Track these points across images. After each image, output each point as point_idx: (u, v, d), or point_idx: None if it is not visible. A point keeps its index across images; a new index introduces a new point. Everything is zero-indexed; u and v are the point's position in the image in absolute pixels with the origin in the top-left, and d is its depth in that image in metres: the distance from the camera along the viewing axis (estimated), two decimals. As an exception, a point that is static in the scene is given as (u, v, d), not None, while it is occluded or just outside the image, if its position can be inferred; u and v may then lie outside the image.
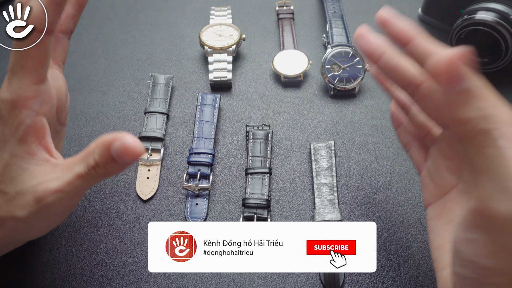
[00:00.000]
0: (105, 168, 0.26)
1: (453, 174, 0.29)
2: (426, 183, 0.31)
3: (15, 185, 0.28)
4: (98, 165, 0.27)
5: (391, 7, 0.59)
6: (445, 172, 0.29)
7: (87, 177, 0.27)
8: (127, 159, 0.26)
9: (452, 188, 0.29)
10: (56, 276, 0.36)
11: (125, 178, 0.41)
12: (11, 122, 0.28)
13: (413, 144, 0.33)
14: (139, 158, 0.42)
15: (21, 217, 0.28)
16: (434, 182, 0.30)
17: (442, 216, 0.29)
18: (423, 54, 0.24)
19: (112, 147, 0.26)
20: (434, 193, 0.30)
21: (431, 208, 0.30)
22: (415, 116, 0.32)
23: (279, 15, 0.54)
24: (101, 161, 0.26)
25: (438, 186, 0.30)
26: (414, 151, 0.33)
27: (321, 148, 0.42)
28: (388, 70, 0.28)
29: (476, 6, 0.45)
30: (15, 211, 0.28)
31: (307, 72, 0.49)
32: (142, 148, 0.26)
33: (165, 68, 0.50)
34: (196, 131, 0.43)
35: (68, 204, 0.29)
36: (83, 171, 0.27)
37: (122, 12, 0.56)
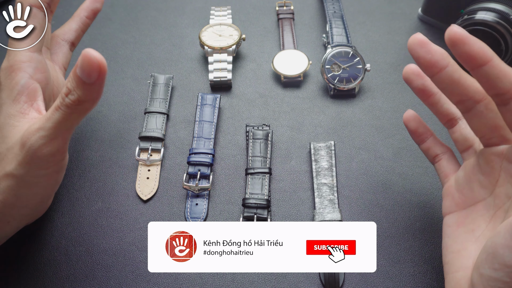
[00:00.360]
0: (77, 94, 0.27)
1: (483, 189, 0.30)
2: (451, 192, 0.32)
3: (6, 143, 0.30)
4: (70, 91, 0.27)
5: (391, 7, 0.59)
6: (476, 186, 0.30)
7: (63, 107, 0.28)
8: (91, 73, 0.26)
9: (479, 201, 0.30)
10: (56, 276, 0.36)
11: (125, 178, 0.41)
12: (7, 85, 0.31)
13: (444, 156, 0.35)
14: (139, 158, 0.42)
15: (12, 171, 0.29)
16: (461, 193, 0.31)
17: (463, 225, 0.30)
18: (502, 73, 0.25)
19: (77, 67, 0.26)
20: (458, 203, 0.31)
21: (451, 216, 0.31)
22: (460, 130, 0.33)
23: (279, 15, 0.54)
24: (71, 86, 0.27)
25: (465, 197, 0.31)
26: (444, 162, 0.34)
27: (321, 148, 0.42)
28: (450, 83, 0.28)
29: (476, 6, 0.45)
30: (5, 167, 0.30)
31: (307, 72, 0.49)
32: (101, 58, 0.26)
33: (165, 68, 0.50)
34: (196, 131, 0.43)
35: (54, 145, 0.29)
36: (58, 102, 0.28)
37: (122, 12, 0.56)
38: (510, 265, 0.24)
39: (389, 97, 0.47)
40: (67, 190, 0.40)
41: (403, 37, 0.53)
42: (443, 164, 0.34)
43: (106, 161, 0.42)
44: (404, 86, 0.48)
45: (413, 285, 0.35)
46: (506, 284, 0.25)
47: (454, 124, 0.33)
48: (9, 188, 0.30)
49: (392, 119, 0.45)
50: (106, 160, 0.42)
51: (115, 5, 0.57)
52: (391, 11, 0.56)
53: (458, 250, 0.30)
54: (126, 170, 0.42)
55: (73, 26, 0.40)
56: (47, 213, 0.39)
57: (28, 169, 0.29)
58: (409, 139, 0.43)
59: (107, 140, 0.44)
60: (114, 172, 0.42)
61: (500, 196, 0.29)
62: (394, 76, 0.49)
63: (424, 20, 0.54)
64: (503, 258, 0.24)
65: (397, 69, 0.50)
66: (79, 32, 0.40)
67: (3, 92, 0.32)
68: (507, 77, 0.25)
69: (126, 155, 0.43)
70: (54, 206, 0.39)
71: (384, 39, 0.53)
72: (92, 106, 0.28)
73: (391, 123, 0.45)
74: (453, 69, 0.28)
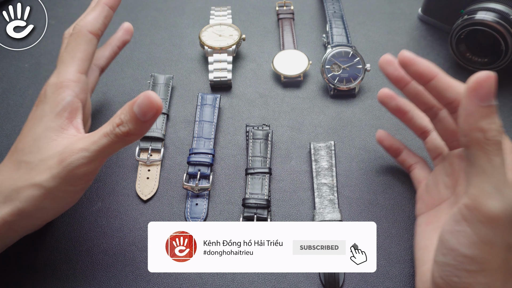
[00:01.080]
0: (128, 127, 0.29)
1: (447, 189, 0.34)
2: (422, 195, 0.36)
3: (41, 154, 0.31)
4: (123, 122, 0.30)
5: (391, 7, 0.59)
6: (442, 187, 0.34)
7: (112, 135, 0.30)
8: (147, 113, 0.29)
9: (444, 200, 0.34)
10: (56, 276, 0.36)
11: (125, 178, 0.41)
12: (53, 99, 0.33)
13: (417, 165, 0.39)
14: (139, 158, 0.42)
15: (41, 183, 0.30)
16: (430, 195, 0.35)
17: (431, 223, 0.34)
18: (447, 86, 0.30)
19: (135, 103, 0.29)
20: (428, 204, 0.35)
21: (422, 217, 0.35)
22: (432, 140, 0.37)
23: (279, 15, 0.54)
24: (125, 118, 0.30)
25: (433, 198, 0.35)
26: (417, 171, 0.39)
27: (321, 148, 0.42)
28: (416, 93, 0.34)
29: (476, 6, 0.45)
30: (35, 177, 0.30)
31: (307, 72, 0.49)
32: (160, 102, 0.29)
33: (165, 68, 0.50)
34: (196, 131, 0.43)
35: (92, 167, 0.31)
36: (108, 130, 0.30)
37: (122, 12, 0.56)
38: (454, 249, 0.27)
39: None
40: (67, 190, 0.40)
41: (403, 37, 0.53)
42: (417, 172, 0.39)
43: (106, 161, 0.42)
44: (404, 86, 0.48)
45: (413, 285, 0.35)
46: (454, 267, 0.27)
47: (426, 135, 0.38)
48: (33, 197, 0.30)
49: (392, 119, 0.45)
50: (106, 160, 0.42)
51: (115, 5, 0.56)
52: (391, 11, 0.56)
53: (426, 245, 0.32)
54: (126, 170, 0.42)
55: (105, 54, 0.42)
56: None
57: (60, 183, 0.30)
58: (409, 139, 0.43)
59: (107, 140, 0.44)
60: (114, 172, 0.42)
61: (459, 194, 0.32)
62: (394, 76, 0.49)
63: (424, 20, 0.54)
64: (448, 242, 0.27)
65: (397, 69, 0.50)
66: (109, 59, 0.42)
67: (47, 105, 0.33)
68: (452, 88, 0.30)
69: (126, 155, 0.43)
70: (54, 206, 0.39)
71: (384, 39, 0.53)
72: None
73: (391, 123, 0.45)
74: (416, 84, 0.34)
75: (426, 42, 0.52)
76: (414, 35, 0.53)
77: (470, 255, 0.26)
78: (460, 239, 0.26)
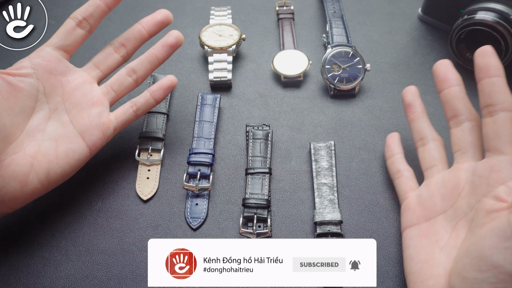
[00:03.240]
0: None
1: (445, 201, 0.33)
2: (412, 207, 0.35)
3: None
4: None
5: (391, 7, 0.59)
6: (438, 199, 0.34)
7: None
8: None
9: (440, 213, 0.33)
10: (56, 276, 0.36)
11: (125, 178, 0.41)
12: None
13: (405, 173, 0.38)
14: (139, 158, 0.42)
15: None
16: (423, 207, 0.35)
17: (426, 236, 0.33)
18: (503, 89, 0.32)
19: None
20: (419, 216, 0.34)
21: (413, 229, 0.34)
22: (429, 150, 0.37)
23: (279, 15, 0.54)
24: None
25: (427, 210, 0.34)
26: (404, 179, 0.38)
27: (321, 148, 0.42)
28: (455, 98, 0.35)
29: (476, 6, 0.45)
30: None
31: (307, 72, 0.49)
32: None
33: (165, 68, 0.50)
34: (196, 131, 0.43)
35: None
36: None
37: (122, 12, 0.56)
38: (498, 265, 0.26)
39: (389, 97, 0.47)
40: (67, 190, 0.40)
41: (403, 37, 0.53)
42: (403, 181, 0.38)
43: (106, 161, 0.42)
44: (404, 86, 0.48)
45: (413, 285, 0.35)
46: (492, 285, 0.26)
47: (424, 144, 0.38)
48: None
49: (392, 119, 0.45)
50: (106, 160, 0.42)
51: (115, 5, 0.56)
52: (391, 11, 0.56)
53: (425, 259, 0.32)
54: (126, 170, 0.42)
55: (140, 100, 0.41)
56: (47, 212, 0.39)
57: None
58: (409, 139, 0.43)
59: (107, 140, 0.44)
60: (114, 172, 0.42)
61: (461, 207, 0.32)
62: (394, 76, 0.49)
63: (424, 20, 0.54)
64: (491, 259, 0.26)
65: (397, 69, 0.50)
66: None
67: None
68: (506, 94, 0.31)
69: (126, 155, 0.43)
70: (54, 206, 0.39)
71: (384, 39, 0.53)
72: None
73: (391, 123, 0.45)
74: (461, 89, 0.36)
75: (426, 42, 0.52)
76: (414, 35, 0.53)
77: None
78: (508, 256, 0.25)
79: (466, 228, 0.31)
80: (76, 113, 0.38)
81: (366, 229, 0.38)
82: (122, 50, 0.40)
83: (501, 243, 0.26)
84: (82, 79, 0.39)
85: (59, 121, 0.37)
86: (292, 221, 0.39)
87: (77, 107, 0.38)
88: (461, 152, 0.34)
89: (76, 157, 0.37)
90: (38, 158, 0.35)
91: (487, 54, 0.32)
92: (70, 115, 0.37)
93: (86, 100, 0.38)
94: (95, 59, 0.40)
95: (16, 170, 0.34)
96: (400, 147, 0.40)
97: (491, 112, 0.32)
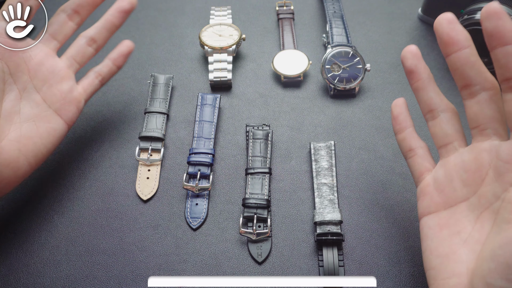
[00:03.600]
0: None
1: (466, 187, 0.29)
2: (429, 192, 0.31)
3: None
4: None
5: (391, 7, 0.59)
6: (458, 185, 0.29)
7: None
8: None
9: (462, 201, 0.29)
10: (56, 276, 0.36)
11: (125, 178, 0.41)
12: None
13: (419, 151, 0.33)
14: (139, 158, 0.42)
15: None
16: (442, 193, 0.30)
17: (446, 227, 0.29)
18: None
19: None
20: (438, 203, 0.30)
21: (431, 217, 0.30)
22: (441, 124, 0.31)
23: (279, 15, 0.54)
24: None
25: (446, 197, 0.30)
26: (418, 159, 0.33)
27: (321, 148, 0.42)
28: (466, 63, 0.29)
29: (476, 6, 0.45)
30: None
31: (307, 72, 0.49)
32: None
33: (165, 68, 0.50)
34: (196, 131, 0.43)
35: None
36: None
37: (122, 12, 0.56)
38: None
39: (389, 97, 0.47)
40: (67, 190, 0.40)
41: (403, 37, 0.53)
42: (417, 161, 0.33)
43: (106, 161, 0.42)
44: (404, 86, 0.48)
45: (413, 285, 0.35)
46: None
47: (435, 117, 0.32)
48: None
49: (392, 119, 0.45)
50: (106, 160, 0.43)
51: (115, 5, 0.57)
52: (391, 11, 0.56)
53: (446, 254, 0.28)
54: (126, 170, 0.42)
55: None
56: (47, 213, 0.39)
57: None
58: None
59: (107, 140, 0.44)
60: (114, 172, 0.42)
61: (485, 195, 0.27)
62: (394, 76, 0.49)
63: (424, 20, 0.54)
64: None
65: (397, 69, 0.50)
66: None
67: None
68: None
69: (126, 155, 0.43)
70: (54, 206, 0.39)
71: (384, 39, 0.53)
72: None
73: (391, 123, 0.45)
74: (472, 52, 0.29)
75: (426, 42, 0.52)
76: (414, 35, 0.53)
77: None
78: None
79: (492, 220, 0.27)
80: (46, 90, 0.37)
81: (366, 229, 0.38)
82: (76, 17, 0.39)
83: None
84: (43, 53, 0.38)
85: (32, 100, 0.37)
86: (292, 221, 0.39)
87: (46, 83, 0.37)
88: (480, 129, 0.29)
89: (57, 134, 0.37)
90: (23, 142, 0.35)
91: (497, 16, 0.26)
92: (42, 93, 0.37)
93: (54, 75, 0.38)
94: (50, 29, 0.38)
95: (7, 158, 0.34)
96: (409, 118, 0.35)
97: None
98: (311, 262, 0.36)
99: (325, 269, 0.35)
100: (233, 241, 0.38)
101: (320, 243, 0.36)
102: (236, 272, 0.36)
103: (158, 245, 0.37)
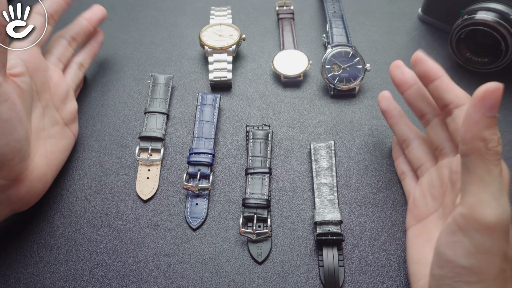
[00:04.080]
0: None
1: (435, 201, 0.34)
2: (411, 208, 0.36)
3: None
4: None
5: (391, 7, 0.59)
6: (429, 199, 0.35)
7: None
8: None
9: (432, 212, 0.34)
10: (56, 276, 0.36)
11: (125, 178, 0.41)
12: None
13: (408, 174, 0.39)
14: (139, 158, 0.42)
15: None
16: (417, 208, 0.35)
17: (421, 236, 0.34)
18: (448, 88, 0.32)
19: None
20: (416, 216, 0.35)
21: (412, 230, 0.35)
22: (413, 150, 0.38)
23: (279, 15, 0.54)
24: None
25: (421, 210, 0.35)
26: (408, 180, 0.39)
27: (321, 148, 0.42)
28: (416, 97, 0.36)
29: (476, 6, 0.45)
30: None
31: (307, 72, 0.49)
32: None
33: (165, 68, 0.50)
34: (196, 131, 0.43)
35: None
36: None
37: (122, 12, 0.56)
38: (451, 260, 0.26)
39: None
40: (67, 190, 0.40)
41: (403, 37, 0.53)
42: (408, 182, 0.39)
43: (106, 161, 0.42)
44: (404, 86, 0.48)
45: (413, 285, 0.35)
46: (452, 279, 0.27)
47: (408, 145, 0.38)
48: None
49: (392, 119, 0.45)
50: (106, 160, 0.43)
51: (115, 5, 0.57)
52: (391, 11, 0.56)
53: (419, 259, 0.32)
54: (126, 170, 0.42)
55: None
56: (47, 213, 0.39)
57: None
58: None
59: (107, 140, 0.44)
60: (114, 172, 0.42)
61: (447, 204, 0.32)
62: (394, 76, 0.49)
63: (424, 20, 0.54)
64: (445, 254, 0.27)
65: (397, 69, 0.50)
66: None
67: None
68: (453, 91, 0.32)
69: (126, 155, 0.43)
70: (54, 206, 0.39)
71: (384, 39, 0.53)
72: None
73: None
74: (419, 87, 0.36)
75: (426, 42, 0.52)
76: (414, 35, 0.53)
77: (467, 265, 0.26)
78: (457, 250, 0.26)
79: None
80: (63, 108, 0.40)
81: (366, 229, 0.38)
82: (74, 44, 0.44)
83: (449, 238, 0.27)
84: (57, 74, 0.41)
85: (52, 117, 0.39)
86: (292, 221, 0.39)
87: (62, 102, 0.40)
88: (439, 149, 0.35)
89: (70, 148, 0.41)
90: (49, 157, 0.37)
91: (422, 61, 0.33)
92: (59, 111, 0.40)
93: (67, 95, 0.41)
94: (57, 53, 0.42)
95: (39, 173, 0.36)
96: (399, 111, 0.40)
97: (448, 111, 0.32)
98: (311, 262, 0.36)
99: (325, 269, 0.35)
100: (233, 241, 0.38)
101: (320, 243, 0.36)
102: (236, 272, 0.36)
103: (158, 245, 0.37)
